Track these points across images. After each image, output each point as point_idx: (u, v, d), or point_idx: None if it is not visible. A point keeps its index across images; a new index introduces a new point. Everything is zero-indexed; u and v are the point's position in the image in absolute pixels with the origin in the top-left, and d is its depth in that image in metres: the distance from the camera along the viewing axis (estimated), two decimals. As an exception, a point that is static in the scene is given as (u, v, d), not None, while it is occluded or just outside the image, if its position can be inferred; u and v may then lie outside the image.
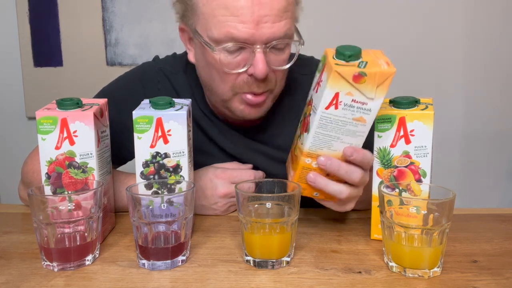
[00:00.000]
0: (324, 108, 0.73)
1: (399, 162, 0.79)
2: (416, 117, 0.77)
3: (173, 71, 1.06)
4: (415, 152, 0.78)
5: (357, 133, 0.75)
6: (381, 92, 0.72)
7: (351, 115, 0.73)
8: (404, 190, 0.78)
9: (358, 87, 0.71)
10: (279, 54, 0.89)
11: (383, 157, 0.79)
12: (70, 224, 0.73)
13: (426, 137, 0.77)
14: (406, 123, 0.77)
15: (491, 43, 1.95)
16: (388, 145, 0.79)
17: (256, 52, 0.85)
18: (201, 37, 0.89)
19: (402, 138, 0.78)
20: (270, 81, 0.90)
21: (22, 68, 2.01)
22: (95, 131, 0.79)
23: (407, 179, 0.79)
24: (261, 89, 0.90)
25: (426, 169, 0.78)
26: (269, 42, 0.86)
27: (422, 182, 0.78)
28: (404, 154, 0.78)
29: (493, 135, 2.02)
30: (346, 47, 0.74)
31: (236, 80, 0.90)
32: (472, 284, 0.68)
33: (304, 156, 0.77)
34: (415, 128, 0.77)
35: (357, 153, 0.76)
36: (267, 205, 0.74)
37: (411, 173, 0.79)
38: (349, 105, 0.72)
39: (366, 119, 0.74)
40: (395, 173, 0.79)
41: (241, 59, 0.88)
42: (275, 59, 0.89)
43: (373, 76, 0.71)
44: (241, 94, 0.91)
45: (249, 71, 0.87)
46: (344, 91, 0.71)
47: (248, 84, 0.89)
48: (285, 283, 0.69)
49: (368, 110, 0.73)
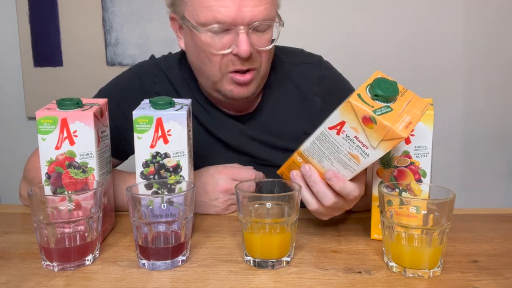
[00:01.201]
0: (327, 127, 0.72)
1: (399, 162, 0.79)
2: None
3: (168, 66, 1.11)
4: (415, 152, 0.78)
5: (348, 167, 0.74)
6: (384, 147, 0.69)
7: (348, 148, 0.72)
8: (404, 190, 0.78)
9: (365, 129, 0.69)
10: (261, 35, 0.96)
11: (383, 157, 0.79)
12: (70, 224, 0.73)
13: (426, 137, 0.77)
14: None
15: (491, 43, 1.95)
16: None
17: (240, 33, 0.92)
18: (189, 22, 0.96)
19: None
20: (255, 60, 0.97)
21: (22, 68, 2.01)
22: (95, 131, 0.79)
23: (407, 179, 0.79)
24: (246, 66, 0.96)
25: (426, 169, 0.78)
26: (251, 24, 0.93)
27: (422, 182, 0.78)
28: (404, 154, 0.78)
29: (494, 135, 2.02)
30: (384, 82, 0.69)
31: (223, 60, 0.96)
32: (472, 284, 0.68)
33: (297, 154, 0.79)
34: (415, 128, 0.77)
35: (336, 180, 0.74)
36: (267, 205, 0.74)
37: (411, 173, 0.79)
38: (350, 139, 0.71)
39: (361, 161, 0.72)
40: (395, 173, 0.79)
41: (226, 41, 0.94)
42: (257, 40, 0.95)
43: (382, 128, 0.68)
44: (228, 74, 0.97)
45: (234, 51, 0.94)
46: (351, 124, 0.69)
47: (233, 62, 0.96)
48: (285, 283, 0.69)
49: (367, 154, 0.71)
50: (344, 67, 1.23)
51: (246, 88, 0.99)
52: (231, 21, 0.91)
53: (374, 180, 0.81)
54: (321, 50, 1.21)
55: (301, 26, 1.90)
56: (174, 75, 1.09)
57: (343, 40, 1.93)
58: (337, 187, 0.75)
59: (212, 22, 0.92)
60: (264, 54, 0.98)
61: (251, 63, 0.96)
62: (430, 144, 0.77)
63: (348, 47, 1.94)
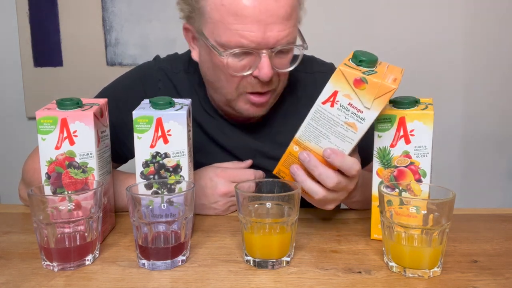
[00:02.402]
0: (321, 102, 0.75)
1: (399, 162, 0.79)
2: (416, 117, 0.77)
3: (174, 70, 1.07)
4: (415, 152, 0.78)
5: (346, 138, 0.76)
6: (378, 105, 0.73)
7: (344, 117, 0.74)
8: (404, 190, 0.78)
9: (358, 93, 0.72)
10: (283, 57, 0.93)
11: (383, 157, 0.79)
12: (70, 224, 0.73)
13: (426, 137, 0.77)
14: (406, 123, 0.77)
15: (491, 43, 1.95)
16: (388, 145, 0.79)
17: (262, 56, 0.89)
18: (208, 40, 0.91)
19: (402, 138, 0.78)
20: (274, 82, 0.94)
21: (22, 68, 2.01)
22: (95, 131, 0.79)
23: (407, 179, 0.79)
24: (265, 89, 0.94)
25: (426, 169, 0.78)
26: (275, 47, 0.89)
27: (422, 182, 0.78)
28: (404, 154, 0.78)
29: (494, 135, 2.02)
30: (363, 52, 0.75)
31: (241, 81, 0.93)
32: (472, 284, 0.68)
33: (293, 143, 0.79)
34: (415, 128, 0.77)
35: (335, 156, 0.76)
36: (267, 205, 0.74)
37: (411, 173, 0.79)
38: (345, 107, 0.74)
39: (358, 128, 0.74)
40: (395, 173, 0.79)
41: (247, 63, 0.91)
42: (279, 62, 0.92)
43: (373, 85, 0.72)
44: (245, 94, 0.95)
45: (254, 74, 0.91)
46: (343, 92, 0.73)
47: (252, 85, 0.93)
48: (285, 283, 0.69)
49: (362, 119, 0.74)
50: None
51: (262, 108, 0.97)
52: (256, 46, 0.88)
53: (374, 180, 0.81)
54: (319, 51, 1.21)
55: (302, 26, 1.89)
56: (180, 80, 1.06)
57: (342, 41, 1.93)
58: (337, 162, 0.76)
59: (235, 46, 0.88)
60: (282, 75, 0.96)
61: (271, 85, 0.94)
62: (430, 144, 0.77)
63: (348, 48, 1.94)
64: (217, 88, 0.97)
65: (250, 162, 1.01)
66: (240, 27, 0.87)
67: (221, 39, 0.89)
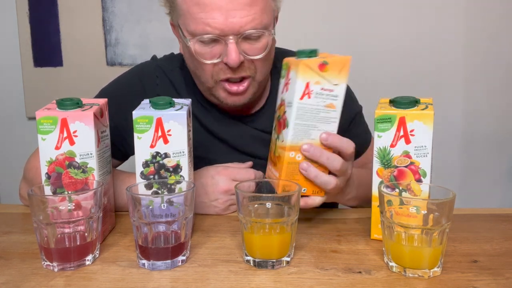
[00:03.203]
0: (299, 99, 0.79)
1: (399, 162, 0.79)
2: (416, 117, 0.77)
3: (170, 67, 1.11)
4: (415, 152, 0.78)
5: (330, 120, 0.81)
6: (343, 77, 0.80)
7: (322, 102, 0.80)
8: (404, 190, 0.78)
9: (324, 75, 0.79)
10: (254, 43, 0.95)
11: (383, 157, 0.79)
12: (70, 224, 0.73)
13: (426, 137, 0.77)
14: (406, 123, 0.77)
15: (491, 43, 1.95)
16: (388, 145, 0.79)
17: (229, 43, 0.92)
18: (181, 31, 0.97)
19: (402, 138, 0.78)
20: (247, 68, 0.96)
21: (22, 68, 2.01)
22: (95, 131, 0.79)
23: (407, 179, 0.79)
24: (237, 74, 0.96)
25: (426, 169, 0.78)
26: (240, 33, 0.92)
27: (422, 182, 0.78)
28: (404, 154, 0.78)
29: (493, 135, 2.02)
30: (305, 49, 0.81)
31: (214, 68, 0.96)
32: (472, 284, 0.68)
33: (288, 150, 0.80)
34: (415, 128, 0.77)
35: (332, 137, 0.81)
36: (267, 205, 0.74)
37: (411, 173, 0.79)
38: (319, 93, 0.79)
39: (336, 105, 0.81)
40: (395, 173, 0.79)
41: (216, 51, 0.94)
42: (249, 49, 0.95)
43: (334, 63, 0.79)
44: (221, 82, 0.98)
45: (224, 61, 0.94)
46: (313, 80, 0.78)
47: (224, 71, 0.96)
48: (285, 283, 0.69)
49: (336, 96, 0.80)
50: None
51: (240, 96, 0.99)
52: (220, 32, 0.91)
53: (374, 180, 0.81)
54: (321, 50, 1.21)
55: (301, 26, 1.90)
56: (176, 77, 1.09)
57: (342, 41, 1.93)
58: (336, 142, 0.81)
59: (201, 33, 0.92)
60: (258, 62, 0.97)
61: (243, 71, 0.96)
62: (430, 144, 0.77)
63: (348, 48, 1.94)
64: (197, 77, 1.01)
65: (250, 164, 1.02)
66: (204, 15, 0.91)
67: (190, 28, 0.94)
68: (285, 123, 0.81)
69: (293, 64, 0.80)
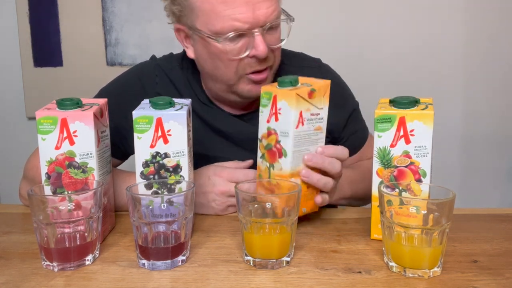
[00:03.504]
0: (295, 128, 0.82)
1: (399, 162, 0.79)
2: (416, 117, 0.77)
3: (170, 66, 1.11)
4: (415, 152, 0.78)
5: (318, 141, 0.86)
6: (326, 100, 0.85)
7: (312, 126, 0.84)
8: (404, 190, 0.78)
9: (312, 102, 0.83)
10: (273, 33, 0.98)
11: (383, 157, 0.79)
12: (70, 224, 0.73)
13: (426, 137, 0.77)
14: (406, 123, 0.77)
15: (491, 43, 1.95)
16: (388, 145, 0.79)
17: (256, 35, 0.94)
18: (202, 32, 0.96)
19: (402, 138, 0.78)
20: (270, 59, 0.99)
21: (22, 68, 2.01)
22: (95, 131, 0.79)
23: (407, 179, 0.79)
24: (263, 66, 0.98)
25: (426, 169, 0.78)
26: (265, 25, 0.94)
27: (422, 182, 0.78)
28: (404, 154, 0.78)
29: (493, 135, 2.02)
30: (284, 78, 0.84)
31: (240, 64, 0.97)
32: (472, 284, 0.68)
33: (289, 178, 0.83)
34: (415, 128, 0.77)
35: (327, 148, 0.86)
36: (267, 205, 0.74)
37: (411, 173, 0.79)
38: (309, 118, 0.83)
39: (322, 126, 0.86)
40: (395, 173, 0.79)
41: (242, 45, 0.95)
42: (271, 39, 0.97)
43: (319, 88, 0.83)
44: (245, 76, 0.99)
45: (251, 54, 0.95)
46: (304, 108, 0.82)
47: (251, 65, 0.97)
48: (285, 283, 0.69)
49: (321, 118, 0.85)
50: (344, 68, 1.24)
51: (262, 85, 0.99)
52: (249, 26, 0.93)
53: (374, 180, 0.81)
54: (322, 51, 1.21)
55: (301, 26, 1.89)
56: (175, 76, 1.10)
57: (342, 41, 1.93)
58: (331, 151, 0.86)
59: (229, 30, 0.93)
60: (276, 51, 1.00)
61: (268, 61, 0.98)
62: (430, 144, 0.77)
63: (348, 48, 1.94)
64: (217, 77, 1.01)
65: (250, 162, 1.02)
66: (231, 11, 0.92)
67: (215, 28, 0.94)
68: (281, 153, 0.83)
69: (281, 95, 0.82)
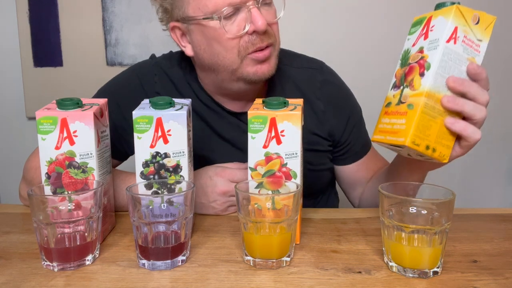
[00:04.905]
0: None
1: (413, 59, 0.78)
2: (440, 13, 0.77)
3: (169, 65, 1.11)
4: (428, 46, 0.76)
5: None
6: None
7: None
8: (407, 86, 0.77)
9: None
10: (268, 9, 0.97)
11: (403, 57, 0.80)
12: (70, 224, 0.73)
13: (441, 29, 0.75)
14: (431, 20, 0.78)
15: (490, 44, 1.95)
16: (411, 45, 0.79)
17: (251, 9, 0.93)
18: (196, 18, 0.95)
19: (423, 35, 0.78)
20: (271, 34, 0.97)
21: (22, 68, 2.01)
22: (95, 131, 0.79)
23: (413, 74, 0.77)
24: (265, 41, 0.96)
25: (432, 62, 0.74)
26: None
27: (424, 75, 0.75)
28: (419, 50, 0.77)
29: (493, 135, 2.02)
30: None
31: (240, 43, 0.95)
32: (472, 284, 0.68)
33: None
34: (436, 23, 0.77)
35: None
36: (267, 205, 0.74)
37: (418, 67, 0.76)
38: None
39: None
40: (406, 70, 0.78)
41: (239, 22, 0.94)
42: (267, 14, 0.96)
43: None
44: (247, 56, 0.96)
45: (250, 29, 0.94)
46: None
47: (252, 42, 0.95)
48: (285, 283, 0.69)
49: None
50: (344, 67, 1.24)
51: (267, 64, 0.98)
52: None
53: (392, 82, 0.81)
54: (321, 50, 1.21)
55: (302, 27, 1.90)
56: (175, 74, 1.09)
57: (341, 42, 1.93)
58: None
59: (223, 5, 0.92)
60: (274, 27, 0.99)
61: (269, 37, 0.96)
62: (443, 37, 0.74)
63: (348, 48, 1.94)
64: (219, 65, 0.99)
65: None
66: None
67: (208, 8, 0.93)
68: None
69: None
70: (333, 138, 1.12)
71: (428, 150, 0.75)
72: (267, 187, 0.78)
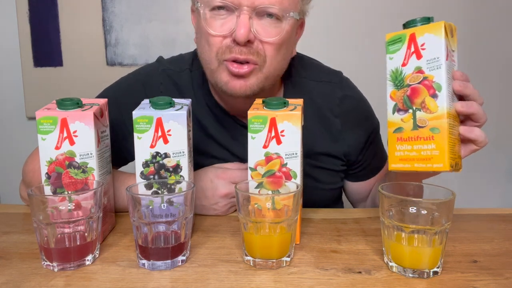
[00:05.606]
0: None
1: (412, 80, 0.74)
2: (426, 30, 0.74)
3: (178, 70, 1.06)
4: (427, 66, 0.74)
5: None
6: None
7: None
8: (419, 109, 0.73)
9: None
10: (269, 24, 0.88)
11: (395, 78, 0.76)
12: (70, 224, 0.73)
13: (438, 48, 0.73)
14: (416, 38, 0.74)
15: (490, 44, 1.95)
16: (400, 65, 0.75)
17: (241, 14, 0.86)
18: (197, 3, 0.92)
19: (413, 54, 0.74)
20: (255, 51, 0.88)
21: (22, 68, 2.01)
22: (95, 131, 0.79)
23: (421, 96, 0.74)
24: (243, 55, 0.88)
25: (441, 82, 0.73)
26: (256, 7, 0.86)
27: (437, 97, 0.73)
28: (416, 71, 0.74)
29: (493, 135, 2.02)
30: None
31: (221, 45, 0.89)
32: (472, 284, 0.68)
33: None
34: (426, 41, 0.74)
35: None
36: (267, 205, 0.74)
37: (425, 88, 0.74)
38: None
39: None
40: (408, 92, 0.75)
41: (227, 24, 0.88)
42: (262, 28, 0.88)
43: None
44: (224, 62, 0.90)
45: (233, 36, 0.87)
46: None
47: (230, 49, 0.88)
48: (285, 283, 0.69)
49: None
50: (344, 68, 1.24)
51: (242, 82, 0.90)
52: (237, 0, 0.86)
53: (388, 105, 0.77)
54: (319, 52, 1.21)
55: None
56: (183, 79, 1.05)
57: (341, 42, 1.93)
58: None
59: None
60: (269, 49, 0.89)
61: (250, 53, 0.88)
62: (443, 55, 0.73)
63: (347, 48, 1.94)
64: (204, 60, 0.94)
65: None
66: None
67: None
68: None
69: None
70: (348, 158, 1.07)
71: (456, 167, 0.75)
72: (267, 187, 0.77)
